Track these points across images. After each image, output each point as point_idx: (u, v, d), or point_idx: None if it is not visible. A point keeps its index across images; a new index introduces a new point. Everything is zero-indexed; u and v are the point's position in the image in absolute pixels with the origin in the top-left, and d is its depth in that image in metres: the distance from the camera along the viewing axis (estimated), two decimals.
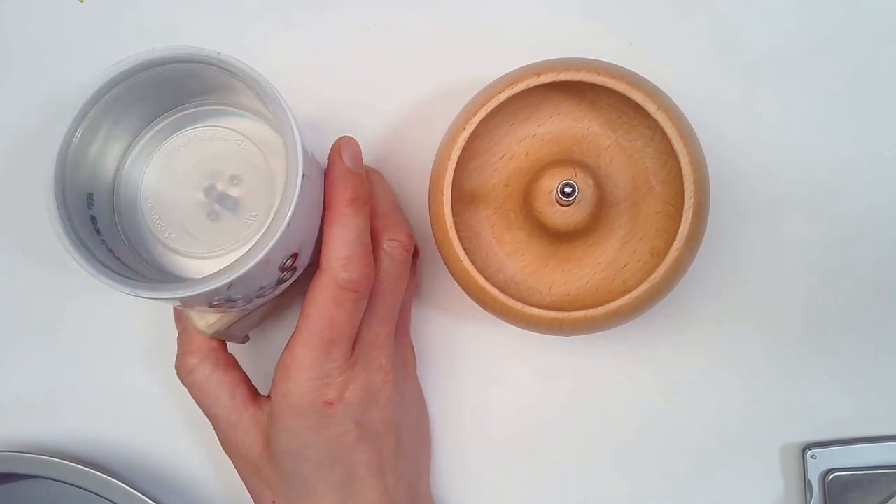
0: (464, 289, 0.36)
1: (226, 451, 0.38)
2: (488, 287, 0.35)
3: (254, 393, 0.38)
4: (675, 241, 0.33)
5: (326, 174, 0.35)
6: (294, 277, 0.35)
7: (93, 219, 0.34)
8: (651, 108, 0.34)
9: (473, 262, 0.35)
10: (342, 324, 0.35)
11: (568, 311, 0.34)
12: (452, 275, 0.36)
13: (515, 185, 0.37)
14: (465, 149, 0.35)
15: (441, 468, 0.42)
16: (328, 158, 0.35)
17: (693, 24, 0.39)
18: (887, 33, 0.38)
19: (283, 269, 0.33)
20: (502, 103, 0.34)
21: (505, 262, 0.38)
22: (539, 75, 0.34)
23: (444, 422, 0.42)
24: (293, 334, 0.35)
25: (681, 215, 0.34)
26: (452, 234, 0.35)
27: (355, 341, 0.36)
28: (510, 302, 0.35)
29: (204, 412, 0.38)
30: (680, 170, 0.34)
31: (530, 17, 0.39)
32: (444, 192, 0.35)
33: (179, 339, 0.38)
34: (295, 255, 0.33)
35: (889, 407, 0.41)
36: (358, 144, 0.36)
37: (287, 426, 0.35)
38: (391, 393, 0.38)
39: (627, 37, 0.39)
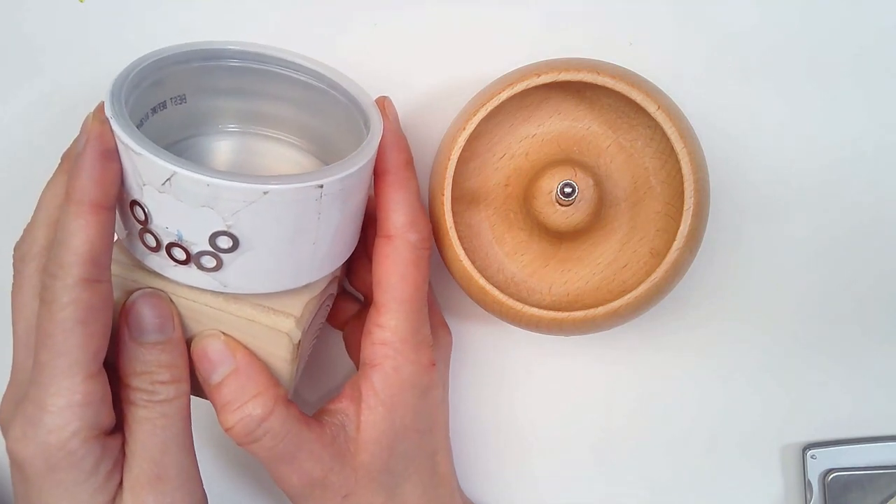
0: (464, 289, 0.36)
1: (305, 493, 0.34)
2: (488, 287, 0.35)
3: (314, 417, 0.35)
4: (675, 241, 0.33)
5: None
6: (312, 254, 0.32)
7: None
8: (651, 108, 0.33)
9: (473, 262, 0.35)
10: (423, 284, 0.34)
11: (568, 311, 0.34)
12: (452, 275, 0.36)
13: (515, 185, 0.37)
14: (464, 149, 0.35)
15: None
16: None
17: (693, 23, 0.39)
18: (888, 33, 0.38)
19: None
20: (502, 103, 0.34)
21: (505, 262, 0.38)
22: (539, 75, 0.34)
23: (451, 420, 0.42)
24: (377, 310, 0.34)
25: (681, 215, 0.33)
26: (452, 234, 0.35)
27: None
28: (510, 302, 0.35)
29: (277, 459, 0.33)
30: (680, 170, 0.34)
31: (530, 16, 0.39)
32: (445, 192, 0.35)
33: (228, 385, 0.32)
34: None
35: (889, 407, 0.41)
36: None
37: (402, 401, 0.34)
38: (450, 352, 0.39)
39: (627, 37, 0.39)
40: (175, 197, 0.29)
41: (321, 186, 0.29)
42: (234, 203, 0.29)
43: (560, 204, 0.35)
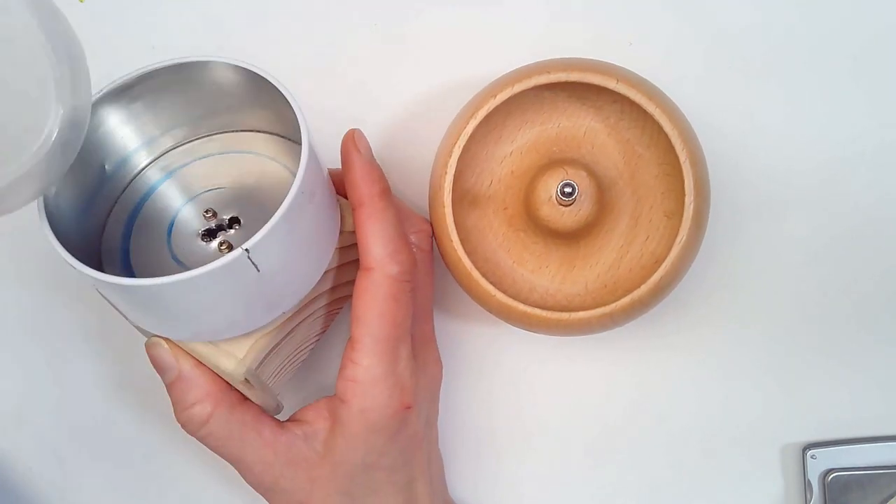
0: (505, 320, 0.36)
1: (261, 492, 0.36)
2: (530, 310, 0.34)
3: (276, 421, 0.36)
4: (686, 195, 0.33)
5: (347, 171, 0.34)
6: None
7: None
8: (610, 84, 0.33)
9: (505, 292, 0.35)
10: (404, 320, 0.34)
11: (612, 302, 0.34)
12: (491, 311, 0.36)
13: (513, 204, 0.37)
14: (454, 189, 0.35)
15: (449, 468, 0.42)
16: (342, 153, 0.34)
17: (693, 23, 0.39)
18: (888, 32, 0.38)
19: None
20: (471, 135, 0.34)
21: (533, 280, 0.37)
22: (496, 95, 0.34)
23: (453, 423, 0.42)
24: (352, 346, 0.33)
25: (680, 172, 0.33)
26: (476, 275, 0.35)
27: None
28: (555, 316, 0.34)
29: (228, 459, 0.35)
30: (660, 129, 0.33)
31: (530, 17, 0.39)
32: (452, 238, 0.35)
33: (175, 388, 0.34)
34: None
35: (889, 407, 0.41)
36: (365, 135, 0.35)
37: (365, 442, 0.34)
38: (439, 387, 0.39)
39: (627, 37, 0.39)
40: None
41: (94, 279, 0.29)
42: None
43: (563, 205, 0.35)
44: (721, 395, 0.41)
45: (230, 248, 0.34)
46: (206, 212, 0.34)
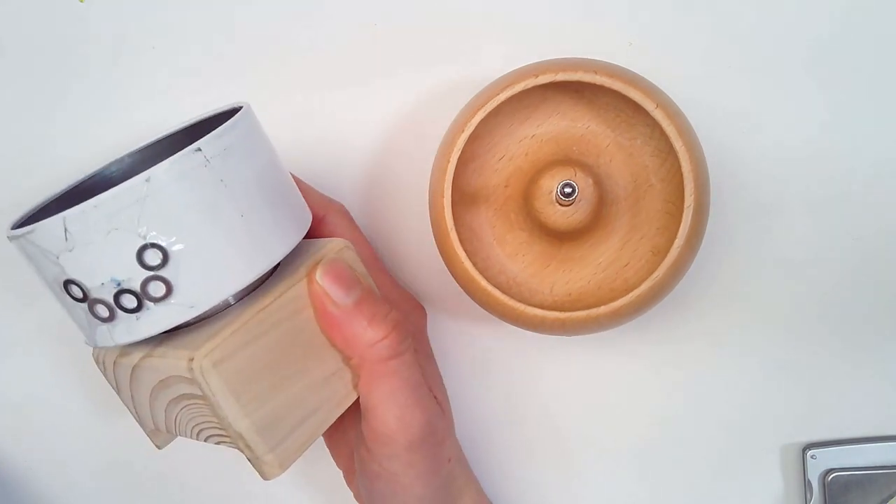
0: (465, 291, 0.36)
1: (419, 442, 0.32)
2: (490, 289, 0.35)
3: None
4: (677, 240, 0.33)
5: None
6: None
7: None
8: (649, 106, 0.33)
9: (475, 264, 0.35)
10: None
11: (570, 311, 0.34)
12: (454, 277, 0.36)
13: (515, 185, 0.37)
14: (464, 151, 0.35)
15: None
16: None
17: (694, 24, 0.39)
18: (888, 32, 0.38)
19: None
20: (501, 104, 0.34)
21: (506, 264, 0.37)
22: (537, 76, 0.34)
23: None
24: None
25: (681, 213, 0.33)
26: (453, 236, 0.35)
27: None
28: (512, 303, 0.34)
29: (409, 396, 0.31)
30: (679, 167, 0.33)
31: (531, 17, 0.39)
32: (445, 195, 0.35)
33: (365, 303, 0.31)
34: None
35: (889, 407, 0.41)
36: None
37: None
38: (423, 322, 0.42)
39: (627, 37, 0.39)
40: (83, 243, 0.27)
41: (199, 150, 0.28)
42: (130, 209, 0.27)
43: (560, 204, 0.35)
44: (721, 396, 0.41)
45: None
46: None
